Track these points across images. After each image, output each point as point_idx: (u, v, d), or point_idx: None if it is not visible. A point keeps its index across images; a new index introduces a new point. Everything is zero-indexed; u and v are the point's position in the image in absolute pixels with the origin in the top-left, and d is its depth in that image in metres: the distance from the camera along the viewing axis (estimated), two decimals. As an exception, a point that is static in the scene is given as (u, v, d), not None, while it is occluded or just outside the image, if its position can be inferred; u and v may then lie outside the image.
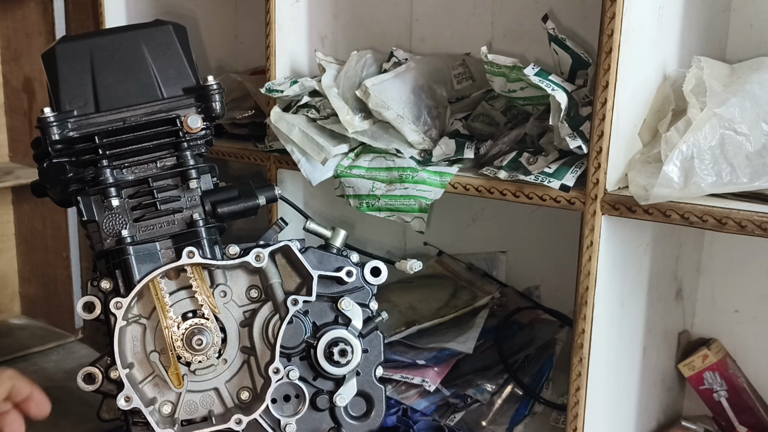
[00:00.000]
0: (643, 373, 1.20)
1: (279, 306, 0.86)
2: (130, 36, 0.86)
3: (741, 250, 1.26)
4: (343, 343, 0.87)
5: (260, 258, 0.85)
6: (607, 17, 0.96)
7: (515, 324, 1.44)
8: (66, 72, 0.83)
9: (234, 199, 0.87)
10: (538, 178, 1.05)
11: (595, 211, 1.02)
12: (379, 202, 1.19)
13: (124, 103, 0.84)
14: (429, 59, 1.36)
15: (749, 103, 0.99)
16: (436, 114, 1.28)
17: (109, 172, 0.83)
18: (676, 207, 0.96)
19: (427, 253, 1.63)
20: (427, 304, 1.47)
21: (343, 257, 0.90)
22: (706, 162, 0.94)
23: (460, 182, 1.15)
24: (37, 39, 1.93)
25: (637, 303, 1.16)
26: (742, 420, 1.24)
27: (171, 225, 0.85)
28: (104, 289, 0.84)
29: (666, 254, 1.20)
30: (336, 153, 1.24)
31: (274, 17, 1.34)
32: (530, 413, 1.31)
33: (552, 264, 1.49)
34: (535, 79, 1.06)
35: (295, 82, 1.31)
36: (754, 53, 1.17)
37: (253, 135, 1.49)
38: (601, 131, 0.99)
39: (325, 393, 0.88)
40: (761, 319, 1.27)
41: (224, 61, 1.87)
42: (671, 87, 1.06)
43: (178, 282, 0.85)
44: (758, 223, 0.90)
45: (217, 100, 0.86)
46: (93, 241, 0.85)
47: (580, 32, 1.25)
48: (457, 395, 1.31)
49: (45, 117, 0.81)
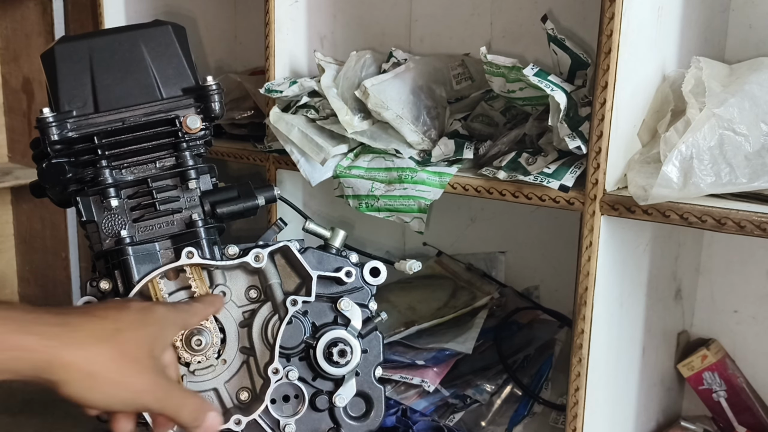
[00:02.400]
0: (642, 373, 1.21)
1: (278, 306, 0.86)
2: (130, 36, 0.86)
3: (740, 250, 1.26)
4: (343, 344, 0.87)
5: (259, 258, 0.85)
6: (606, 17, 0.96)
7: (514, 324, 1.44)
8: (65, 72, 0.83)
9: (233, 199, 0.87)
10: (538, 179, 1.05)
11: (594, 211, 1.02)
12: (379, 203, 1.19)
13: (124, 104, 0.84)
14: (428, 59, 1.36)
15: (748, 103, 0.99)
16: (436, 114, 1.28)
17: (108, 172, 0.83)
18: (675, 207, 0.96)
19: (427, 254, 1.63)
20: (426, 305, 1.47)
21: (343, 257, 0.90)
22: (705, 162, 0.94)
23: (459, 182, 1.15)
24: (36, 39, 1.93)
25: (637, 303, 1.16)
26: (741, 420, 1.24)
27: (170, 225, 0.85)
28: (103, 290, 0.83)
29: (665, 254, 1.20)
30: (335, 153, 1.24)
31: (273, 17, 1.34)
32: (529, 413, 1.31)
33: (551, 264, 1.49)
34: (535, 79, 1.06)
35: (295, 83, 1.31)
36: (753, 54, 1.18)
37: (253, 135, 1.49)
38: (601, 131, 0.99)
39: (324, 393, 0.88)
40: (760, 319, 1.27)
41: (223, 62, 1.87)
42: (670, 87, 1.06)
43: (177, 282, 0.85)
44: (757, 223, 0.90)
45: (216, 100, 0.86)
46: (92, 242, 0.85)
47: (580, 32, 1.25)
48: (456, 395, 1.31)
49: (44, 117, 0.81)
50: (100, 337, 0.65)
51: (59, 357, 0.62)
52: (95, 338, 0.65)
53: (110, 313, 0.69)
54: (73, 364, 0.62)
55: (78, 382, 0.63)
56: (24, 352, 0.61)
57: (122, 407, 0.68)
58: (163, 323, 0.73)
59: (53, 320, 0.64)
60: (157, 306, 0.74)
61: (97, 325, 0.66)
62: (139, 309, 0.71)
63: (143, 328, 0.70)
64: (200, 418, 0.72)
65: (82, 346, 0.63)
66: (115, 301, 0.75)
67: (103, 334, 0.66)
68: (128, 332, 0.67)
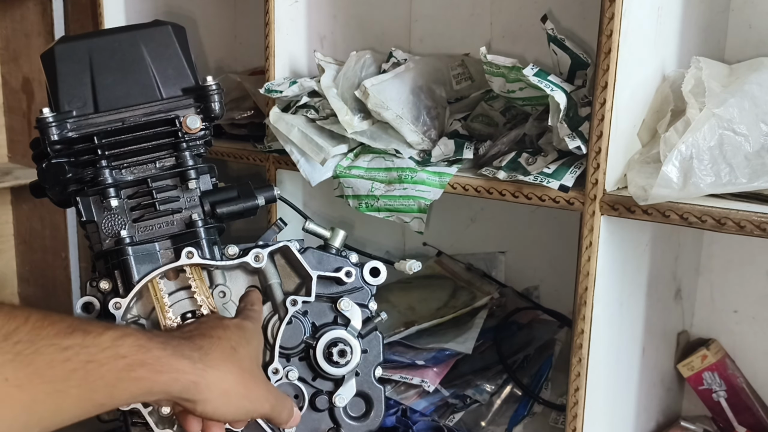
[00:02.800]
0: (642, 373, 1.21)
1: (278, 306, 0.86)
2: (129, 36, 0.86)
3: (740, 250, 1.26)
4: (343, 344, 0.87)
5: (259, 258, 0.85)
6: (606, 18, 0.96)
7: (514, 324, 1.44)
8: (65, 72, 0.83)
9: (233, 199, 0.87)
10: (537, 179, 1.05)
11: (594, 211, 1.02)
12: (378, 203, 1.19)
13: (123, 104, 0.84)
14: (428, 60, 1.36)
15: (748, 103, 0.99)
16: (435, 114, 1.28)
17: (108, 172, 0.83)
18: (675, 207, 0.96)
19: (427, 254, 1.63)
20: (426, 305, 1.47)
21: (342, 258, 0.90)
22: (705, 162, 0.94)
23: (459, 182, 1.15)
24: (36, 39, 1.93)
25: (636, 303, 1.16)
26: (741, 420, 1.24)
27: (170, 225, 0.85)
28: (103, 290, 0.83)
29: (665, 254, 1.20)
30: (335, 153, 1.24)
31: (273, 17, 1.34)
32: (529, 413, 1.31)
33: (551, 264, 1.49)
34: (534, 79, 1.06)
35: (294, 83, 1.31)
36: (753, 54, 1.18)
37: (252, 135, 1.49)
38: (600, 131, 0.99)
39: (324, 393, 0.88)
40: (760, 319, 1.27)
41: (223, 62, 1.87)
42: (670, 87, 1.06)
43: (177, 282, 0.85)
44: (757, 223, 0.90)
45: (216, 100, 0.86)
46: (92, 242, 0.85)
47: (579, 32, 1.25)
48: (456, 395, 1.31)
49: (44, 117, 0.81)
50: (226, 357, 0.71)
51: (204, 378, 0.68)
52: (223, 359, 0.71)
53: (219, 333, 0.74)
54: (213, 383, 0.68)
55: (216, 400, 0.69)
56: (180, 374, 0.66)
57: (244, 417, 0.75)
58: (257, 336, 0.80)
59: (189, 344, 0.69)
60: (244, 322, 0.79)
61: (219, 346, 0.72)
62: (236, 326, 0.77)
63: (248, 344, 0.76)
64: (293, 416, 0.80)
65: (217, 367, 0.69)
66: (213, 321, 0.77)
67: (225, 354, 0.71)
68: (241, 349, 0.74)
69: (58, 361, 0.60)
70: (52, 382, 0.59)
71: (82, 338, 0.62)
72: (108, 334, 0.63)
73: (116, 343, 0.63)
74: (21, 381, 0.58)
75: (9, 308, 0.60)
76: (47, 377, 0.59)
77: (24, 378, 0.58)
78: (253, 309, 0.82)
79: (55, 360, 0.59)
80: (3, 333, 0.58)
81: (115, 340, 0.63)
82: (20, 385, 0.57)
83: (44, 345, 0.59)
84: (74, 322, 0.63)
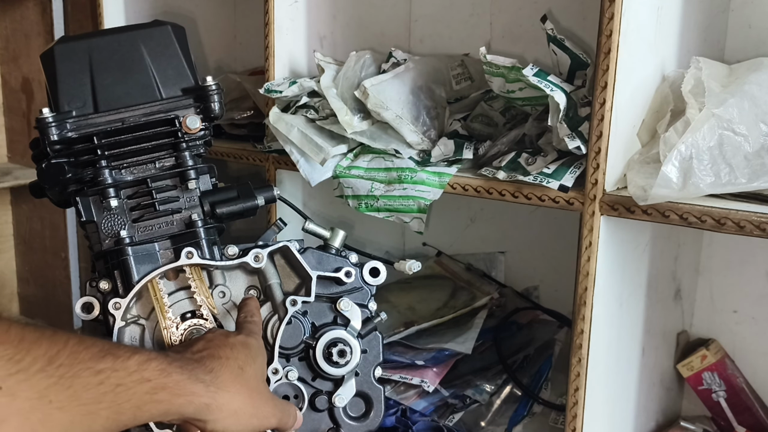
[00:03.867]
0: (641, 373, 1.21)
1: (278, 306, 0.86)
2: (129, 36, 0.86)
3: (739, 250, 1.26)
4: (342, 344, 0.87)
5: (259, 258, 0.85)
6: (605, 18, 0.96)
7: (514, 324, 1.44)
8: (65, 72, 0.83)
9: (233, 199, 0.87)
10: (537, 179, 1.05)
11: (593, 211, 1.02)
12: (378, 203, 1.19)
13: (123, 104, 0.84)
14: (428, 60, 1.36)
15: (748, 103, 0.99)
16: (435, 114, 1.28)
17: (107, 172, 0.83)
18: (675, 207, 0.96)
19: (426, 254, 1.63)
20: (426, 305, 1.47)
21: (342, 258, 0.90)
22: (704, 162, 0.94)
23: (458, 183, 1.15)
24: (35, 39, 1.93)
25: (636, 303, 1.16)
26: (741, 420, 1.25)
27: (170, 225, 0.85)
28: (103, 290, 0.83)
29: (665, 255, 1.20)
30: (335, 153, 1.24)
31: (273, 18, 1.34)
32: (529, 413, 1.31)
33: (551, 264, 1.49)
34: (534, 79, 1.06)
35: (294, 83, 1.31)
36: (753, 54, 1.18)
37: (252, 135, 1.49)
38: (600, 132, 0.99)
39: (324, 393, 0.88)
40: (760, 319, 1.27)
41: (223, 62, 1.87)
42: (670, 87, 1.06)
43: (176, 282, 0.85)
44: (757, 223, 0.90)
45: (215, 100, 0.86)
46: (92, 242, 0.85)
47: (579, 33, 1.25)
48: (456, 396, 1.31)
49: (44, 117, 0.81)
50: (235, 378, 0.74)
51: (216, 400, 0.70)
52: (232, 380, 0.73)
53: (227, 352, 0.76)
54: (225, 405, 0.71)
55: (226, 420, 0.71)
56: (194, 397, 0.69)
57: None
58: (261, 353, 0.81)
59: (201, 368, 0.72)
60: (249, 339, 0.80)
61: (228, 367, 0.74)
62: (242, 344, 0.78)
63: (253, 362, 0.78)
64: (297, 421, 0.82)
65: (227, 389, 0.72)
66: (219, 339, 0.78)
67: (234, 375, 0.74)
68: (247, 368, 0.76)
69: (93, 384, 0.62)
70: (87, 404, 0.62)
71: (113, 362, 0.64)
72: (135, 358, 0.66)
73: (142, 367, 0.66)
74: (63, 403, 0.60)
75: (51, 333, 0.62)
76: (83, 399, 0.62)
77: (65, 400, 0.60)
78: (253, 321, 0.83)
79: (90, 383, 0.62)
80: (48, 357, 0.60)
81: (141, 364, 0.66)
82: (62, 407, 0.60)
83: (81, 368, 0.62)
84: (105, 346, 0.65)
